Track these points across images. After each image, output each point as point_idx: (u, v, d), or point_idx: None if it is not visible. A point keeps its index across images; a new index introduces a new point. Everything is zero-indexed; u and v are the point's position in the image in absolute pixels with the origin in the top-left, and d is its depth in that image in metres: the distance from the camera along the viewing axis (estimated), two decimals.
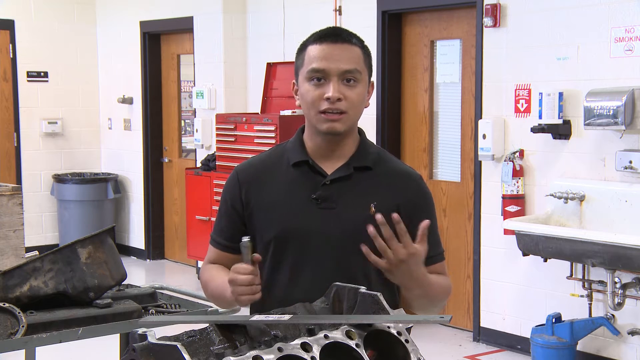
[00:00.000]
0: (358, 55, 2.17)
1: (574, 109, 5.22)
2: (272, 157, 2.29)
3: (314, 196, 2.17)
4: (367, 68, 2.20)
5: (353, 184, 2.19)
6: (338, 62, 2.13)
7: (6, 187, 4.34)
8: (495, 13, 5.57)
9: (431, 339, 5.86)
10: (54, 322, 2.77)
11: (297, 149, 2.24)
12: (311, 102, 2.15)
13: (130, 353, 1.53)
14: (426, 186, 2.29)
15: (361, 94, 2.17)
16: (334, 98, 2.11)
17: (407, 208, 2.18)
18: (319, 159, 2.21)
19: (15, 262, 3.81)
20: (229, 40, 7.56)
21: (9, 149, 8.77)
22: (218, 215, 2.32)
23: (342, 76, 2.13)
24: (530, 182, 5.51)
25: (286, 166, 2.23)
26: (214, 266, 2.29)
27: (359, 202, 2.17)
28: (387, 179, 2.22)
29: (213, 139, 7.51)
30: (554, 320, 5.13)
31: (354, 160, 2.21)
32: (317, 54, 2.14)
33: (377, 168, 2.22)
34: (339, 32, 2.19)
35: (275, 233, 2.18)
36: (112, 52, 9.03)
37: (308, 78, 2.16)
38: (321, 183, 2.18)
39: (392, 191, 2.20)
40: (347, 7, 6.67)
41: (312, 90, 2.14)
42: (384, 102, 6.42)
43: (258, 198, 2.22)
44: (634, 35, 4.94)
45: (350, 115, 2.15)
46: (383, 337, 1.66)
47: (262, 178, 2.24)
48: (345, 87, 2.13)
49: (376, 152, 2.27)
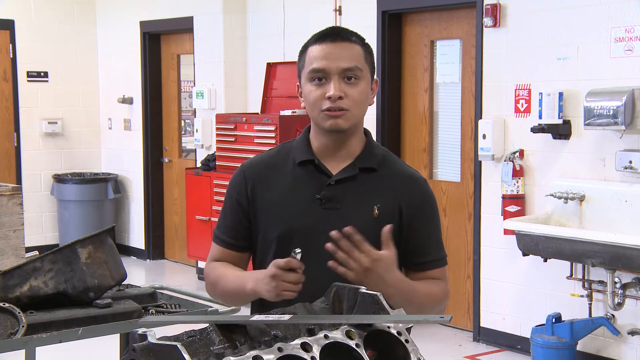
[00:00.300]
0: (358, 52, 2.17)
1: (574, 109, 5.22)
2: (278, 155, 2.29)
3: (318, 196, 2.17)
4: (368, 65, 2.19)
5: (357, 184, 2.19)
6: (338, 60, 2.13)
7: (6, 187, 4.34)
8: (495, 13, 5.57)
9: (431, 339, 5.86)
10: (54, 322, 2.77)
11: (303, 148, 2.24)
12: (313, 102, 2.15)
13: (130, 353, 1.53)
14: (430, 190, 2.28)
15: (363, 91, 2.17)
16: (335, 97, 2.12)
17: (409, 211, 2.19)
18: (324, 158, 2.22)
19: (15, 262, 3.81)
20: (229, 40, 7.56)
21: (9, 149, 8.77)
22: (222, 213, 2.31)
23: (343, 74, 2.13)
24: (530, 182, 5.51)
25: (292, 165, 2.23)
26: (221, 264, 2.28)
27: (363, 203, 2.17)
28: (391, 181, 2.22)
29: (213, 139, 7.51)
30: (554, 320, 5.13)
31: (360, 161, 2.21)
32: (317, 54, 2.15)
33: (382, 170, 2.23)
34: (338, 31, 2.20)
35: (278, 232, 2.19)
36: (112, 52, 9.03)
37: (309, 78, 2.16)
38: (326, 183, 2.19)
39: (395, 193, 2.20)
40: (347, 7, 6.67)
41: (314, 90, 2.15)
42: (384, 102, 6.42)
43: (263, 195, 2.22)
44: (634, 35, 4.94)
45: (354, 113, 2.15)
46: (383, 337, 1.66)
47: (268, 176, 2.24)
48: (346, 85, 2.13)
49: (382, 153, 2.27)
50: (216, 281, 2.27)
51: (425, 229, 2.22)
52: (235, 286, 2.19)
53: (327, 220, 2.14)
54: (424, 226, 2.22)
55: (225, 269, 2.26)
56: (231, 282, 2.21)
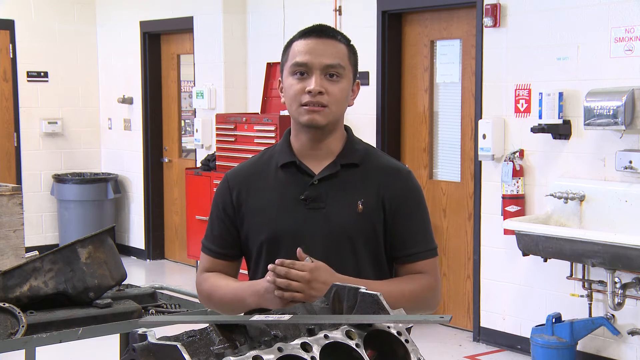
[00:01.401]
0: (342, 51, 2.17)
1: (574, 109, 5.22)
2: (261, 160, 2.28)
3: (302, 197, 2.17)
4: (351, 65, 2.19)
5: (340, 181, 2.19)
6: (321, 56, 2.13)
7: (6, 187, 4.35)
8: (495, 13, 5.57)
9: (431, 339, 5.86)
10: (54, 322, 2.77)
11: (284, 150, 2.23)
12: (293, 95, 2.15)
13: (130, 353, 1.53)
14: (415, 181, 2.25)
15: (344, 89, 2.16)
16: (315, 91, 2.11)
17: (393, 203, 2.18)
18: (306, 158, 2.21)
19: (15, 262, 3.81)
20: (229, 40, 7.56)
21: (9, 149, 8.77)
22: (209, 223, 2.30)
23: (325, 70, 2.13)
24: (530, 182, 5.51)
25: (275, 169, 2.23)
26: (213, 274, 2.27)
27: (347, 200, 2.17)
28: (374, 174, 2.21)
29: (213, 139, 7.51)
30: (554, 320, 5.13)
31: (341, 158, 2.21)
32: (301, 48, 2.15)
33: (365, 164, 2.22)
34: (323, 28, 2.20)
35: (266, 236, 2.19)
36: (112, 52, 9.03)
37: (291, 72, 2.16)
38: (309, 183, 2.18)
39: (378, 187, 2.19)
40: (347, 7, 6.67)
41: (295, 84, 2.14)
42: (384, 102, 6.42)
43: (248, 202, 2.22)
44: (634, 35, 4.94)
45: (332, 110, 2.15)
46: (383, 337, 1.66)
47: (252, 182, 2.24)
48: (327, 81, 2.13)
49: (363, 148, 2.26)
50: (210, 294, 2.25)
51: (410, 220, 2.20)
52: (233, 298, 2.18)
53: (312, 220, 2.14)
54: (409, 217, 2.20)
55: (218, 281, 2.24)
56: (228, 293, 2.20)
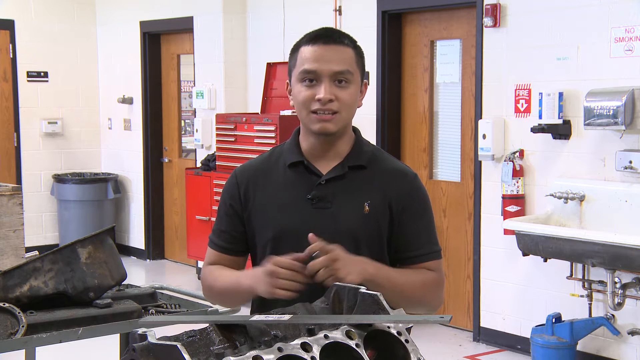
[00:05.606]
0: (350, 56, 2.18)
1: (574, 109, 5.22)
2: (269, 158, 2.31)
3: (309, 196, 2.19)
4: (359, 69, 2.21)
5: (347, 183, 2.21)
6: (329, 63, 2.14)
7: (6, 187, 4.34)
8: (495, 13, 5.57)
9: (431, 339, 5.86)
10: (54, 322, 2.77)
11: (292, 150, 2.26)
12: (303, 102, 2.17)
13: (130, 353, 1.53)
14: (421, 184, 2.29)
15: (353, 94, 2.18)
16: (325, 99, 2.13)
17: (399, 205, 2.21)
18: (314, 159, 2.24)
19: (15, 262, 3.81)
20: (229, 40, 7.56)
21: (9, 149, 8.77)
22: (217, 218, 2.34)
23: (334, 77, 2.15)
24: (530, 182, 5.51)
25: (283, 167, 2.25)
26: (217, 267, 2.31)
27: (353, 201, 2.19)
28: (381, 177, 2.23)
29: (213, 139, 7.50)
30: (554, 320, 5.13)
31: (349, 159, 2.23)
32: (309, 55, 2.17)
33: (372, 166, 2.24)
34: (330, 34, 2.21)
35: (272, 234, 2.21)
36: (112, 52, 9.03)
37: (300, 79, 2.18)
38: (316, 183, 2.20)
39: (385, 189, 2.21)
40: (347, 7, 6.67)
41: (304, 91, 2.16)
42: (384, 102, 6.42)
43: (256, 199, 2.25)
44: (634, 35, 4.94)
45: (343, 116, 2.17)
46: (383, 337, 1.66)
47: (260, 179, 2.27)
48: (337, 88, 2.15)
49: (371, 150, 2.28)
50: (213, 283, 2.29)
51: (415, 222, 2.23)
52: (232, 284, 2.21)
53: (318, 220, 2.16)
54: (415, 220, 2.23)
55: (220, 271, 2.28)
56: (227, 281, 2.24)
